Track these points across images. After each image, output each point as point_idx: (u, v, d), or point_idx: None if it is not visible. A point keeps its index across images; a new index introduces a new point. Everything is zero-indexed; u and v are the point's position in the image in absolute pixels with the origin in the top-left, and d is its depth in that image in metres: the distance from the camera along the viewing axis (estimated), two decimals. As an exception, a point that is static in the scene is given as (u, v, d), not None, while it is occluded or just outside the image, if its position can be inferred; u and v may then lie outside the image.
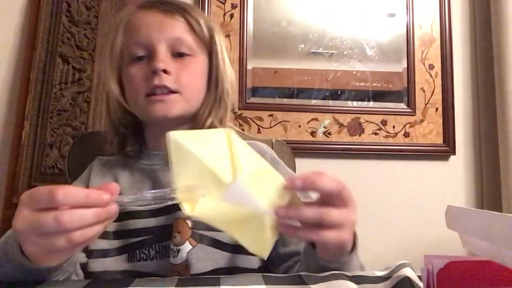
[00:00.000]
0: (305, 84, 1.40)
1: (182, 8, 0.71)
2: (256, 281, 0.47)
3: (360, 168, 1.39)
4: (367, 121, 1.40)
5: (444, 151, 1.41)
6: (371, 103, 1.42)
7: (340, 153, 1.38)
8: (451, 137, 1.41)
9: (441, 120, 1.42)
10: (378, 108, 1.42)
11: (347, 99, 1.41)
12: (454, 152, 1.41)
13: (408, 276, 0.45)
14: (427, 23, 1.46)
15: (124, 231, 0.65)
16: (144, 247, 0.64)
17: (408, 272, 0.46)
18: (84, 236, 0.41)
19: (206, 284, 0.46)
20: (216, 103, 0.72)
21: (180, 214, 0.64)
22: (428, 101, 1.43)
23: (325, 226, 0.45)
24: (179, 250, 0.62)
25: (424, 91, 1.43)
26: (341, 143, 1.38)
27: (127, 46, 0.69)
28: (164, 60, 0.66)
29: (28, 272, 0.47)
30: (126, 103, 0.70)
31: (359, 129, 1.40)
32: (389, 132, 1.41)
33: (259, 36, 1.40)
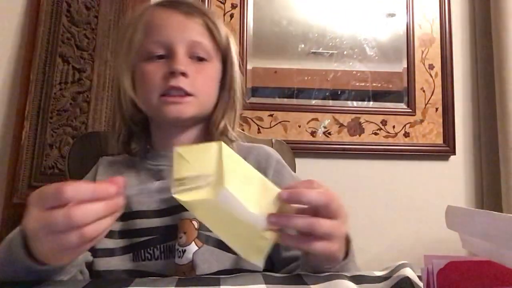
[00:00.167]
0: (305, 84, 1.40)
1: (203, 12, 0.72)
2: (256, 281, 0.47)
3: (360, 168, 1.39)
4: (367, 121, 1.40)
5: (444, 151, 1.41)
6: (371, 103, 1.42)
7: (340, 153, 1.38)
8: (451, 137, 1.41)
9: (441, 120, 1.42)
10: (378, 108, 1.42)
11: (347, 99, 1.41)
12: (454, 152, 1.41)
13: (408, 276, 0.45)
14: (427, 23, 1.46)
15: (129, 231, 0.65)
16: (149, 247, 0.64)
17: (408, 272, 0.46)
18: (96, 230, 0.41)
19: (206, 284, 0.46)
20: (229, 108, 0.74)
21: (186, 215, 0.64)
22: (428, 101, 1.43)
23: (315, 236, 0.46)
24: (185, 251, 0.62)
25: (424, 91, 1.43)
26: (341, 143, 1.38)
27: (146, 44, 0.68)
28: (183, 63, 0.66)
29: (34, 273, 0.47)
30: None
31: (359, 129, 1.40)
32: (389, 132, 1.41)
33: (259, 36, 1.40)
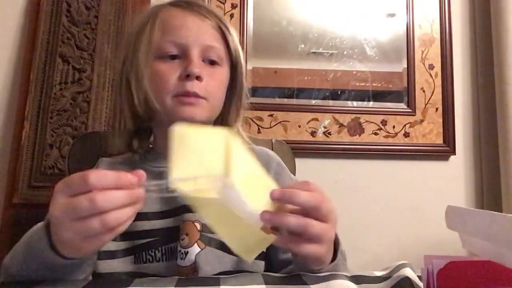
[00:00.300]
0: (305, 84, 1.40)
1: (217, 16, 0.73)
2: (256, 281, 0.47)
3: (360, 168, 1.39)
4: (367, 121, 1.40)
5: (444, 151, 1.41)
6: (371, 103, 1.42)
7: (340, 153, 1.38)
8: (451, 137, 1.41)
9: (441, 120, 1.42)
10: (378, 108, 1.42)
11: (347, 99, 1.41)
12: (454, 152, 1.41)
13: (408, 276, 0.45)
14: (427, 23, 1.46)
15: (131, 233, 0.65)
16: (150, 249, 0.64)
17: (408, 273, 0.46)
18: (118, 219, 0.42)
19: (206, 284, 0.46)
20: (240, 112, 0.76)
21: (188, 217, 0.64)
22: (428, 101, 1.43)
23: (306, 238, 0.46)
24: (187, 252, 0.62)
25: (424, 91, 1.43)
26: (341, 143, 1.38)
27: (161, 42, 0.68)
28: (199, 66, 0.67)
29: (54, 268, 0.48)
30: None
31: (359, 129, 1.40)
32: (389, 132, 1.41)
33: (259, 36, 1.40)
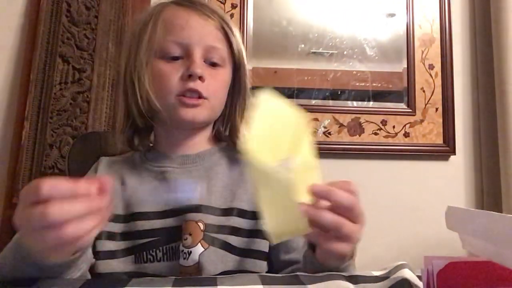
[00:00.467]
0: (305, 84, 1.40)
1: (221, 16, 0.73)
2: (253, 281, 0.47)
3: (360, 168, 1.39)
4: (367, 121, 1.40)
5: (444, 151, 1.41)
6: (371, 103, 1.42)
7: (340, 153, 1.38)
8: (451, 137, 1.41)
9: (441, 120, 1.42)
10: (378, 108, 1.42)
11: (347, 99, 1.41)
12: (454, 152, 1.41)
13: (407, 278, 0.45)
14: (427, 23, 1.46)
15: (131, 232, 0.65)
16: (151, 249, 0.64)
17: (407, 274, 0.46)
18: (76, 232, 0.39)
19: (203, 284, 0.46)
20: (244, 112, 0.75)
21: (191, 216, 0.64)
22: (428, 101, 1.43)
23: (335, 236, 0.46)
24: (191, 252, 0.62)
25: (424, 91, 1.43)
26: (341, 143, 1.38)
27: (164, 42, 0.68)
28: (201, 66, 0.67)
29: (43, 270, 0.47)
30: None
31: (359, 129, 1.40)
32: (389, 132, 1.41)
33: (259, 36, 1.40)
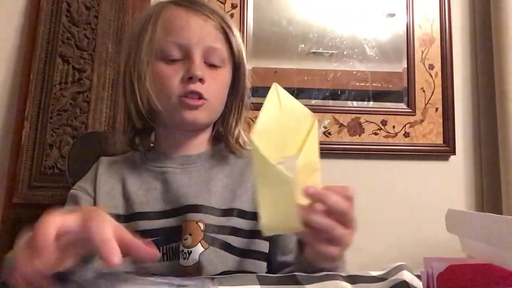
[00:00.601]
0: (305, 84, 1.40)
1: (221, 17, 0.72)
2: (251, 282, 0.48)
3: (360, 168, 1.39)
4: (367, 121, 1.40)
5: (444, 151, 1.41)
6: (371, 103, 1.42)
7: (340, 153, 1.38)
8: (451, 137, 1.41)
9: (441, 120, 1.42)
10: (378, 108, 1.42)
11: (347, 99, 1.41)
12: (454, 152, 1.41)
13: (405, 280, 0.45)
14: (427, 23, 1.46)
15: (132, 232, 0.65)
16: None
17: (406, 276, 0.46)
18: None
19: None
20: (241, 112, 0.76)
21: (191, 217, 0.64)
22: (428, 101, 1.43)
23: (326, 238, 0.46)
24: (191, 252, 0.62)
25: (424, 91, 1.43)
26: (341, 143, 1.38)
27: (164, 43, 0.68)
28: (201, 68, 0.67)
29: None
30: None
31: (359, 129, 1.40)
32: (389, 132, 1.41)
33: (259, 36, 1.40)
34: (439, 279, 0.31)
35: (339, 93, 1.41)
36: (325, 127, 1.38)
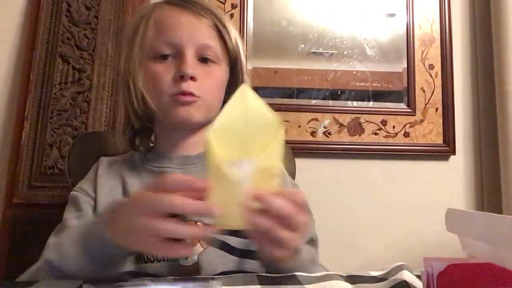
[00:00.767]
0: (305, 84, 1.40)
1: (213, 14, 0.72)
2: (251, 281, 0.48)
3: (360, 168, 1.39)
4: (367, 121, 1.40)
5: (444, 151, 1.41)
6: (371, 103, 1.42)
7: (340, 153, 1.38)
8: (451, 137, 1.41)
9: (441, 120, 1.42)
10: (378, 108, 1.42)
11: (347, 99, 1.41)
12: (454, 152, 1.41)
13: (405, 280, 0.45)
14: (427, 23, 1.46)
15: None
16: None
17: (406, 276, 0.46)
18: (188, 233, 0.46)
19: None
20: None
21: (191, 217, 0.64)
22: (428, 101, 1.43)
23: (271, 240, 0.46)
24: None
25: (424, 91, 1.43)
26: (341, 143, 1.38)
27: (155, 42, 0.68)
28: (192, 66, 0.66)
29: (106, 253, 0.51)
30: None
31: (359, 129, 1.40)
32: (389, 132, 1.41)
33: (259, 36, 1.40)
34: (439, 279, 0.31)
35: (339, 93, 1.41)
36: (325, 127, 1.38)
